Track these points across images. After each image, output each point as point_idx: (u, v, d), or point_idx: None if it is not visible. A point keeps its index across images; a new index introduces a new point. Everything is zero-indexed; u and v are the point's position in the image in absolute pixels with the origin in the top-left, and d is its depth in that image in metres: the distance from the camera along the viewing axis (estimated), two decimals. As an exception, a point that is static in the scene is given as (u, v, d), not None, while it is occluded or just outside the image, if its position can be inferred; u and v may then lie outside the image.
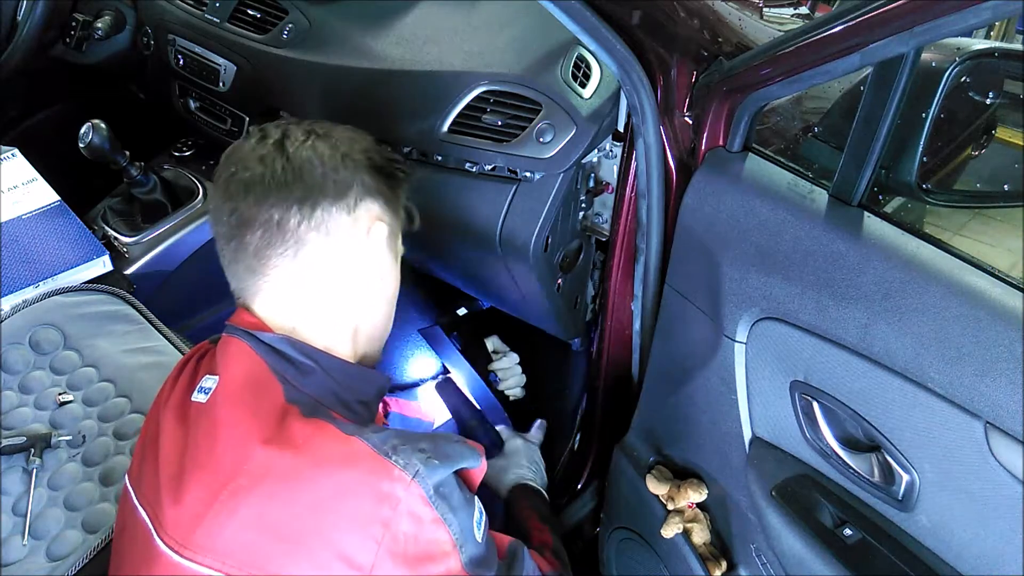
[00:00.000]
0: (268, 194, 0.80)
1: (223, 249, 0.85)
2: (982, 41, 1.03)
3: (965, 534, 0.79)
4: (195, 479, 0.75)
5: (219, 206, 0.83)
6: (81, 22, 1.74)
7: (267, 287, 0.83)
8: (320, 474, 0.72)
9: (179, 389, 0.86)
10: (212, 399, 0.80)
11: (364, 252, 0.86)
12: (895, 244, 0.82)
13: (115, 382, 1.19)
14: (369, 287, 0.88)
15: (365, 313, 0.89)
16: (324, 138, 0.85)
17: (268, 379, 0.79)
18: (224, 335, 0.85)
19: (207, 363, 0.87)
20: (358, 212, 0.84)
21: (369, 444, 0.73)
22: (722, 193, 0.99)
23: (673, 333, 1.14)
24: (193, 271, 1.60)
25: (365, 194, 0.85)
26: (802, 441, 0.95)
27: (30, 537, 1.02)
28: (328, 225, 0.82)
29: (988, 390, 0.73)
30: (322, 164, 0.82)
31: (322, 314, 0.85)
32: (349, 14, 1.43)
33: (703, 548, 1.14)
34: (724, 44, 1.01)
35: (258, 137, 0.85)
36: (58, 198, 1.49)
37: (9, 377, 1.17)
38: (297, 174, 0.81)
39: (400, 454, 0.73)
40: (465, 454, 0.80)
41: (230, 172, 0.83)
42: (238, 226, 0.81)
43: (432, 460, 0.74)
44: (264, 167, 0.81)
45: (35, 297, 1.25)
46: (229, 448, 0.75)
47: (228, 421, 0.77)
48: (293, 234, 0.80)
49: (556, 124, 1.13)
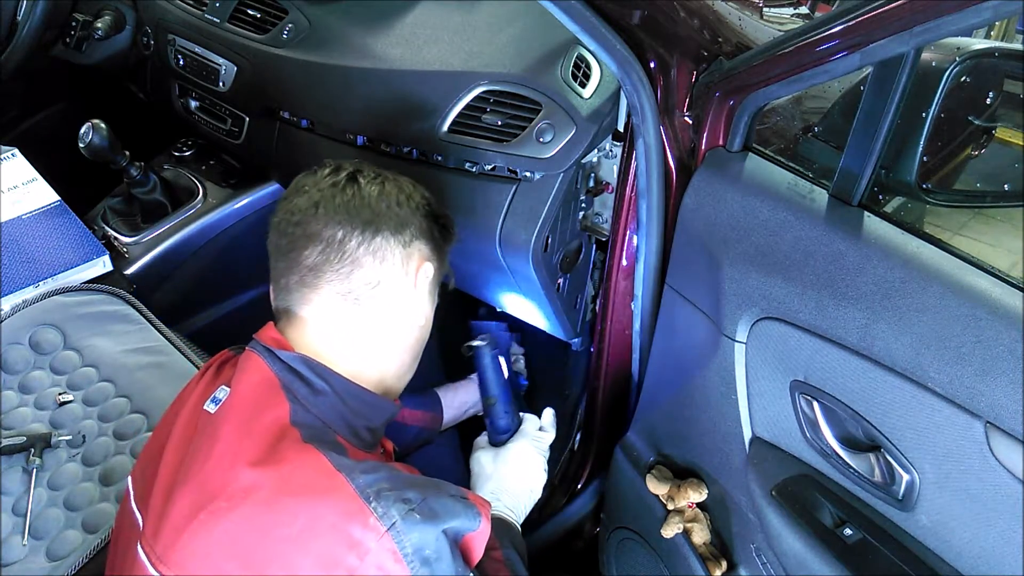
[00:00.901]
0: (336, 213, 0.85)
1: (277, 262, 0.88)
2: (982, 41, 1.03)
3: (965, 534, 0.79)
4: (183, 493, 0.76)
5: (284, 219, 0.87)
6: (81, 22, 1.75)
7: (316, 301, 0.86)
8: (298, 507, 0.71)
9: (196, 396, 0.88)
10: (220, 412, 0.81)
11: (410, 289, 0.90)
12: (895, 244, 0.82)
13: (115, 382, 1.19)
14: (406, 324, 0.92)
15: (396, 350, 0.92)
16: (391, 180, 0.92)
17: (276, 398, 0.80)
18: (247, 348, 0.87)
19: (227, 373, 0.89)
20: (411, 249, 0.90)
21: (353, 485, 0.72)
22: (722, 193, 0.99)
23: (673, 333, 1.14)
24: (193, 271, 1.60)
25: (420, 235, 0.91)
26: (802, 441, 0.95)
27: (30, 537, 1.02)
28: (384, 253, 0.87)
29: (988, 390, 0.73)
30: (389, 198, 0.89)
31: (356, 342, 0.87)
32: (349, 14, 1.43)
33: (703, 548, 1.14)
34: (724, 44, 1.01)
35: (332, 168, 0.91)
36: (58, 198, 1.50)
37: (9, 377, 1.17)
38: (365, 201, 0.87)
39: (381, 501, 0.71)
40: (458, 512, 0.75)
41: (301, 190, 0.88)
42: (300, 238, 0.85)
43: (413, 514, 0.71)
44: (336, 192, 0.87)
45: (35, 297, 1.25)
46: (219, 466, 0.75)
47: (225, 438, 0.77)
48: (352, 254, 0.85)
49: (556, 124, 1.13)
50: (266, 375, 0.82)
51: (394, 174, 0.94)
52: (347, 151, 1.37)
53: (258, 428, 0.77)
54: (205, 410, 0.83)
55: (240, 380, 0.83)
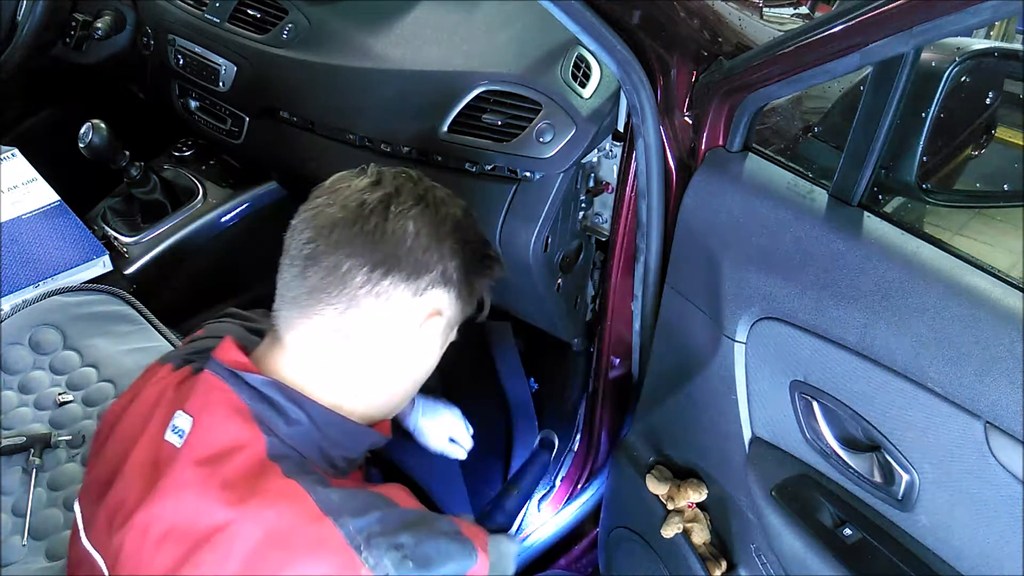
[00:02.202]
0: (349, 242, 0.76)
1: (285, 269, 0.79)
2: (982, 41, 1.03)
3: (965, 534, 0.79)
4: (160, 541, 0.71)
5: (300, 229, 0.78)
6: (81, 22, 1.75)
7: (302, 329, 0.78)
8: (285, 558, 0.68)
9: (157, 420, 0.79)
10: (186, 447, 0.74)
11: (411, 336, 0.81)
12: (895, 244, 0.82)
13: (115, 382, 1.19)
14: (403, 365, 0.84)
15: (390, 384, 0.85)
16: (432, 211, 0.79)
17: (250, 431, 0.74)
18: (206, 371, 0.78)
19: (182, 394, 0.80)
20: (423, 297, 0.79)
21: (343, 532, 0.69)
22: (722, 193, 0.99)
23: (673, 333, 1.14)
24: (193, 271, 1.60)
25: (440, 283, 0.80)
26: (802, 441, 0.95)
27: (30, 537, 1.02)
28: (389, 297, 0.77)
29: (988, 390, 0.72)
30: (415, 238, 0.77)
31: (347, 371, 0.80)
32: (349, 14, 1.43)
33: (703, 548, 1.14)
34: (724, 44, 1.01)
35: (371, 181, 0.80)
36: (58, 198, 1.50)
37: (9, 377, 1.17)
38: (387, 239, 0.76)
39: (372, 550, 0.68)
40: (453, 554, 0.73)
41: (327, 202, 0.78)
42: (308, 257, 0.76)
43: (407, 562, 0.69)
44: (359, 215, 0.76)
45: (35, 297, 1.26)
46: (197, 514, 0.70)
47: (198, 481, 0.71)
48: (351, 292, 0.76)
49: (556, 124, 1.13)
50: (234, 404, 0.75)
51: (444, 196, 0.83)
52: (347, 151, 1.37)
53: (233, 469, 0.71)
54: (168, 442, 0.75)
55: (205, 410, 0.75)
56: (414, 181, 0.82)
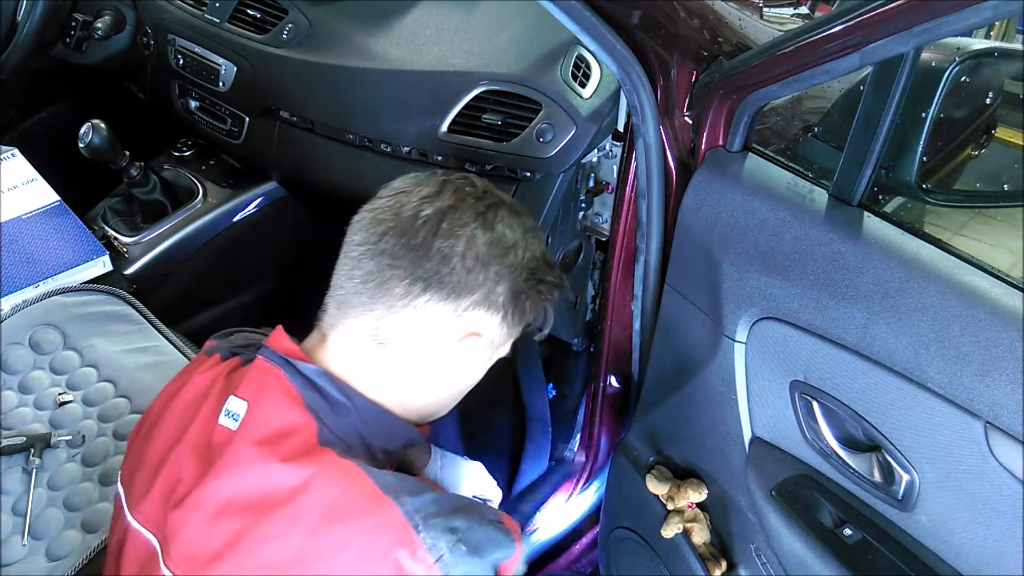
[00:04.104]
0: (394, 253, 0.76)
1: (340, 266, 0.80)
2: (982, 41, 1.03)
3: (965, 534, 0.79)
4: (219, 514, 0.72)
5: (356, 229, 0.79)
6: (81, 22, 1.75)
7: (341, 330, 0.79)
8: (346, 531, 0.69)
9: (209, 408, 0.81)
10: (242, 429, 0.76)
11: (448, 351, 0.80)
12: (895, 244, 0.82)
13: (115, 382, 1.19)
14: (440, 378, 0.84)
15: (427, 392, 0.84)
16: (489, 230, 0.78)
17: (303, 417, 0.76)
18: (259, 358, 0.80)
19: (234, 382, 0.82)
20: (464, 317, 0.78)
21: (402, 511, 0.70)
22: (722, 193, 0.99)
23: (673, 333, 1.14)
24: (193, 271, 1.60)
25: (484, 306, 0.79)
26: (802, 441, 0.95)
27: (30, 537, 1.02)
28: (427, 312, 0.77)
29: (988, 390, 0.72)
30: (461, 260, 0.76)
31: (384, 373, 0.80)
32: (349, 14, 1.43)
33: (703, 548, 1.14)
34: (724, 44, 1.01)
35: (434, 190, 0.79)
36: (58, 198, 1.50)
37: (9, 377, 1.17)
38: (432, 256, 0.75)
39: (430, 530, 0.69)
40: (499, 542, 0.74)
41: (386, 204, 0.78)
42: (355, 259, 0.78)
43: (461, 546, 0.70)
44: (409, 226, 0.76)
45: (35, 297, 1.26)
46: (259, 486, 0.72)
47: (259, 458, 0.73)
48: (391, 301, 0.76)
49: (556, 124, 1.13)
50: (288, 390, 0.77)
51: (508, 214, 0.80)
52: (347, 151, 1.37)
53: (290, 448, 0.73)
54: (222, 425, 0.77)
55: (260, 395, 0.77)
56: (477, 196, 0.80)
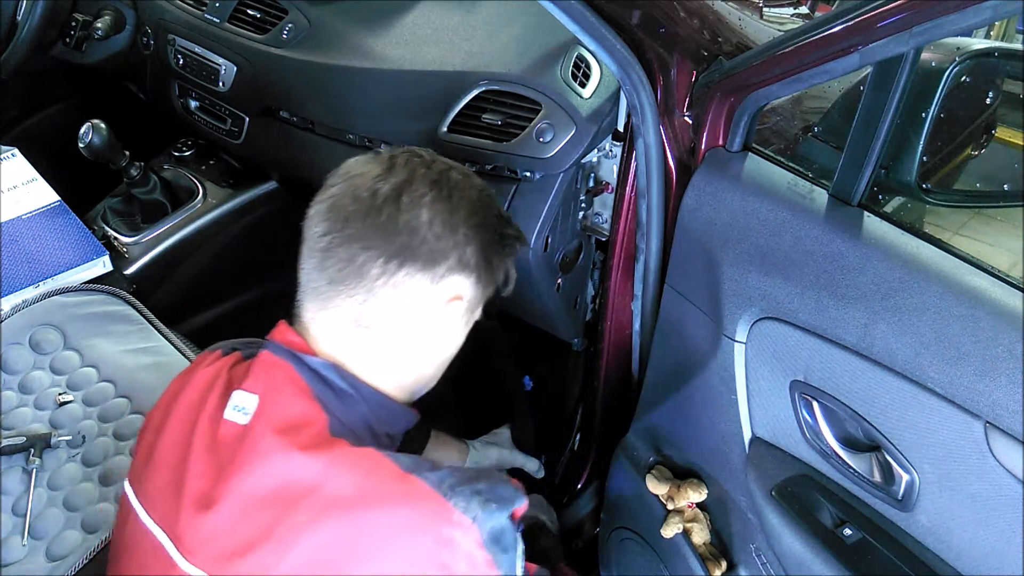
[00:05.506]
0: (362, 235, 0.77)
1: (305, 260, 0.81)
2: (982, 41, 1.03)
3: (965, 534, 0.79)
4: (247, 507, 0.72)
5: (316, 220, 0.80)
6: (81, 22, 1.74)
7: (326, 317, 0.81)
8: (381, 512, 0.70)
9: (212, 404, 0.81)
10: (254, 422, 0.76)
11: (432, 319, 0.82)
12: (895, 244, 0.82)
13: (115, 382, 1.19)
14: (427, 349, 0.86)
15: (416, 366, 0.86)
16: (446, 197, 0.80)
17: (313, 408, 0.77)
18: (265, 352, 0.81)
19: (237, 376, 0.83)
20: (442, 284, 0.81)
21: (428, 483, 0.71)
22: (722, 193, 0.99)
23: (673, 333, 1.14)
24: (193, 271, 1.60)
25: (458, 269, 0.81)
26: (802, 441, 0.95)
27: (30, 537, 1.02)
28: (406, 286, 0.79)
29: (988, 390, 0.73)
30: (429, 228, 0.78)
31: (373, 356, 0.82)
32: (349, 14, 1.43)
33: (703, 548, 1.14)
34: (724, 44, 1.01)
35: (384, 168, 0.80)
36: (58, 198, 1.49)
37: (9, 377, 1.17)
38: (400, 230, 0.77)
39: (459, 496, 0.71)
40: (515, 494, 0.76)
41: (340, 191, 0.79)
42: (324, 250, 0.78)
43: (490, 504, 0.72)
44: (371, 206, 0.77)
45: (35, 297, 1.25)
46: (284, 481, 0.72)
47: (281, 447, 0.73)
48: (369, 284, 0.78)
49: (556, 124, 1.13)
50: (297, 383, 0.78)
51: (460, 179, 0.83)
52: (347, 151, 1.37)
53: (309, 438, 0.74)
54: (229, 420, 0.77)
55: (271, 387, 0.78)
56: (427, 165, 0.82)
